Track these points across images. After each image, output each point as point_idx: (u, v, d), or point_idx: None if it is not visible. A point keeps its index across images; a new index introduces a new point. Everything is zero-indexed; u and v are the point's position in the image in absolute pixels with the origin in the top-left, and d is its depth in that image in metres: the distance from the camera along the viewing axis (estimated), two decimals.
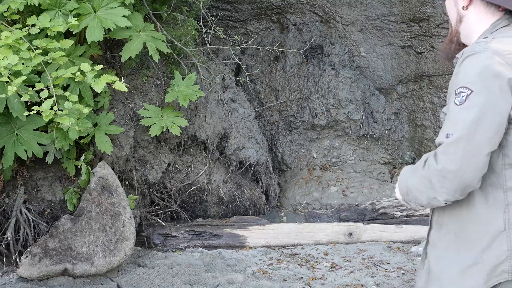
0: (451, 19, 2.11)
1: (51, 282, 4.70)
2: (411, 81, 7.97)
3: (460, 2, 2.04)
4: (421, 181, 1.86)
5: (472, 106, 1.78)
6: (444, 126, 1.86)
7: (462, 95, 1.80)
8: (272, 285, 4.77)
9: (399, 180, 2.03)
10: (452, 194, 1.81)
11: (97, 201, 4.96)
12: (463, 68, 1.85)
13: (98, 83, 4.25)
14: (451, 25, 2.12)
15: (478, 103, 1.77)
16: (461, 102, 1.79)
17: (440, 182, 1.80)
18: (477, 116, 1.77)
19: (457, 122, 1.79)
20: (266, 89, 8.04)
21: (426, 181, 1.84)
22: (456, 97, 1.81)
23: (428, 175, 1.82)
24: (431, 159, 1.83)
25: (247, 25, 8.15)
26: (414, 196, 1.92)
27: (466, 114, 1.78)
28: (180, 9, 6.33)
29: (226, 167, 6.67)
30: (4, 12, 4.56)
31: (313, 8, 7.96)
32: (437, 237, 2.02)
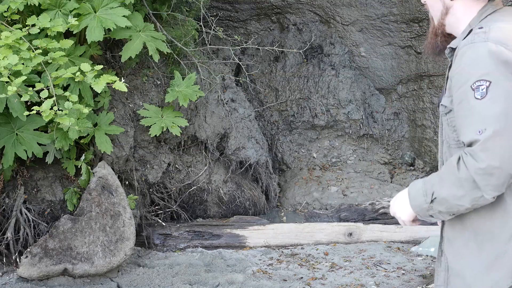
0: (434, 11, 2.06)
1: (51, 282, 4.70)
2: (411, 81, 7.97)
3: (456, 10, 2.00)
4: (460, 185, 1.79)
5: (495, 97, 1.75)
6: (468, 123, 1.80)
7: (481, 88, 1.76)
8: (272, 285, 4.77)
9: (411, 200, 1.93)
10: (499, 189, 1.76)
11: (97, 201, 4.96)
12: (469, 60, 1.82)
13: (98, 83, 4.25)
14: (432, 18, 2.09)
15: (501, 92, 1.75)
16: (482, 95, 1.76)
17: (486, 180, 1.75)
18: (505, 106, 1.75)
19: (485, 116, 1.74)
20: (266, 89, 8.04)
21: (467, 183, 1.77)
22: (475, 92, 1.77)
23: (470, 176, 1.76)
24: (469, 159, 1.76)
25: (247, 25, 8.15)
26: (450, 205, 1.83)
27: (492, 106, 1.75)
28: (180, 9, 6.33)
29: (226, 167, 6.67)
30: (4, 12, 4.56)
31: (313, 8, 7.96)
32: (452, 234, 1.98)
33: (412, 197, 1.92)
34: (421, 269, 5.18)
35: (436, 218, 1.93)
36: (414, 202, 1.92)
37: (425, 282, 4.89)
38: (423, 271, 5.12)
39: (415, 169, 7.84)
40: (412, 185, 1.94)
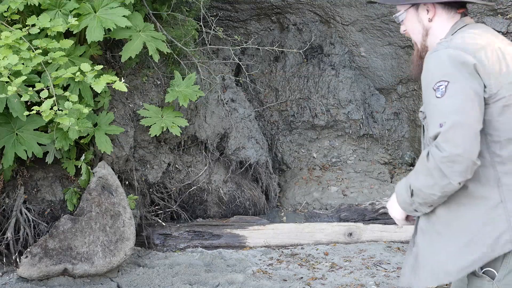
0: (415, 35, 2.22)
1: (51, 282, 4.70)
2: (411, 81, 7.97)
3: (425, 17, 2.17)
4: (429, 175, 1.92)
5: (453, 94, 1.92)
6: (432, 119, 1.96)
7: (441, 88, 1.93)
8: (272, 285, 4.77)
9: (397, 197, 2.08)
10: (464, 175, 1.90)
11: (97, 201, 4.96)
12: (432, 66, 2.01)
13: (98, 83, 4.25)
14: (415, 43, 2.25)
15: (458, 89, 1.92)
16: (442, 94, 1.93)
17: (450, 167, 1.89)
18: (461, 100, 1.91)
19: (445, 111, 1.91)
20: (266, 89, 8.04)
21: (435, 172, 1.91)
22: (436, 92, 1.94)
23: (436, 165, 1.90)
24: (434, 150, 1.91)
25: (247, 25, 8.15)
26: (424, 195, 1.96)
27: (451, 101, 1.92)
28: (180, 9, 6.32)
29: (226, 167, 6.67)
30: (4, 12, 4.56)
31: (313, 8, 7.96)
32: (425, 226, 2.10)
33: (398, 194, 2.08)
34: None
35: (419, 212, 2.06)
36: (400, 198, 2.07)
37: None
38: None
39: None
40: (398, 183, 2.11)
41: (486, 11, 7.59)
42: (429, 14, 2.16)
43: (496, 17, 7.53)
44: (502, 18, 7.55)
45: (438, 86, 1.94)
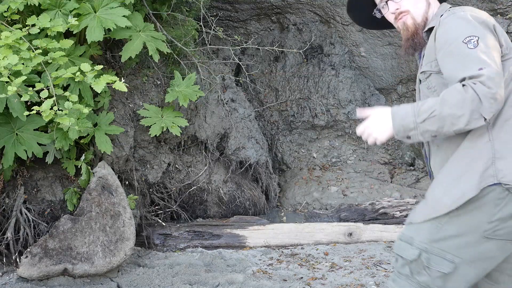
0: (419, 7, 2.41)
1: (51, 282, 4.70)
2: (411, 81, 7.97)
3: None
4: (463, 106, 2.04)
5: (486, 46, 2.11)
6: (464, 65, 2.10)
7: (473, 41, 2.12)
8: (272, 285, 4.77)
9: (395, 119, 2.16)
10: (495, 113, 2.07)
11: (97, 201, 4.96)
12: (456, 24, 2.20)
13: (98, 83, 4.25)
14: (414, 16, 2.40)
15: (489, 43, 2.13)
16: (475, 45, 2.11)
17: (491, 103, 2.03)
18: (494, 52, 2.12)
19: (483, 59, 2.07)
20: (266, 89, 8.04)
21: (473, 104, 2.02)
22: (468, 44, 2.11)
23: (477, 98, 2.02)
24: (479, 85, 2.03)
25: (247, 25, 8.15)
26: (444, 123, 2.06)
27: (486, 52, 2.10)
28: (180, 9, 6.33)
29: (226, 167, 6.67)
30: (4, 12, 4.56)
31: (313, 8, 7.96)
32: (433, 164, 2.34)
33: (400, 118, 2.14)
34: None
35: (412, 139, 2.17)
36: (401, 122, 2.14)
37: None
38: None
39: (415, 169, 7.84)
40: (397, 109, 2.17)
41: (486, 11, 7.59)
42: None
43: (496, 17, 7.53)
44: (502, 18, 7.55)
45: (470, 39, 2.11)
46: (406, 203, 6.54)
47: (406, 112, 2.14)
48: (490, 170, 2.10)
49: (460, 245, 2.12)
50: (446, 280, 2.14)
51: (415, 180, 7.68)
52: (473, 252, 2.11)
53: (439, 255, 2.13)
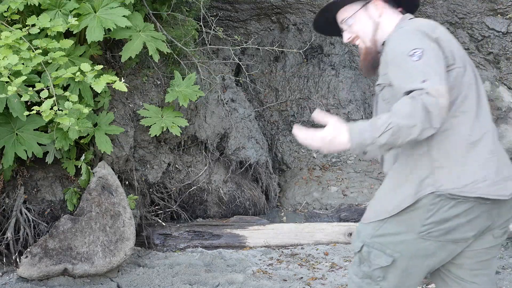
0: (366, 34, 2.49)
1: (51, 282, 4.70)
2: None
3: (374, 12, 2.48)
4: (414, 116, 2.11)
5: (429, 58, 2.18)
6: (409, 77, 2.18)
7: (417, 53, 2.20)
8: (272, 285, 4.77)
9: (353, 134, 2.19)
10: (442, 121, 2.15)
11: (97, 201, 4.96)
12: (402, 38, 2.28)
13: (98, 83, 4.25)
14: (364, 41, 2.50)
15: (432, 55, 2.20)
16: (419, 58, 2.18)
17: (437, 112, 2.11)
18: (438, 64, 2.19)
19: (426, 71, 2.15)
20: (266, 89, 8.04)
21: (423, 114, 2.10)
22: (413, 57, 2.19)
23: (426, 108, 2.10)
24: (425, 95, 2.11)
25: (247, 25, 8.15)
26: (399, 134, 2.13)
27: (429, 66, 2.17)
28: (180, 9, 6.33)
29: (226, 167, 6.67)
30: (4, 12, 4.56)
31: (313, 8, 7.96)
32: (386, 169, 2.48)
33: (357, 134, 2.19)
34: None
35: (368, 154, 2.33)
36: (359, 138, 2.18)
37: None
38: None
39: None
40: (354, 125, 2.22)
41: (486, 11, 7.60)
42: (378, 10, 2.47)
43: (496, 17, 7.53)
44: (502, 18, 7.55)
45: (414, 52, 2.20)
46: None
47: (363, 128, 2.20)
48: (428, 179, 2.24)
49: (397, 241, 2.29)
50: (386, 272, 2.34)
51: None
52: (411, 249, 2.29)
53: (379, 249, 2.34)
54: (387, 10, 2.49)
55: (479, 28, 7.63)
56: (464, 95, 2.28)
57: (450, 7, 7.70)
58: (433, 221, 2.23)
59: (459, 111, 2.27)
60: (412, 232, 2.27)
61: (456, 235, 2.25)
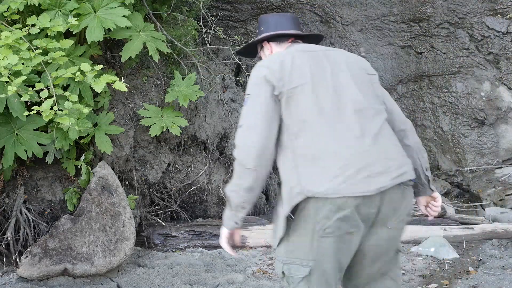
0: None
1: (51, 282, 4.70)
2: (411, 81, 7.97)
3: (267, 52, 2.82)
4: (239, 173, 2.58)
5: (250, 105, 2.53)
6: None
7: (246, 99, 2.53)
8: (272, 285, 4.77)
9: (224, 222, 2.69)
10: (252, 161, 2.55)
11: (97, 201, 4.96)
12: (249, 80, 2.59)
13: (98, 83, 4.25)
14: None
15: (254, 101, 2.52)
16: (245, 104, 2.53)
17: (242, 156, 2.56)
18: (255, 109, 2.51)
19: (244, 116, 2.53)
20: None
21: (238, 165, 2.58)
22: (244, 102, 2.54)
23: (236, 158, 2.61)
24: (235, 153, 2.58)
25: (247, 25, 8.15)
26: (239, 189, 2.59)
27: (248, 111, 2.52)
28: (180, 9, 6.32)
29: (226, 167, 6.67)
30: (4, 12, 4.56)
31: (313, 8, 7.96)
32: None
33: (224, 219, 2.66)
34: (421, 269, 5.18)
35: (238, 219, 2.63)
36: (226, 221, 2.66)
37: (425, 282, 4.89)
38: (423, 271, 5.12)
39: None
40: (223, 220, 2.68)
41: (486, 11, 7.60)
42: (268, 50, 2.81)
43: (496, 17, 7.53)
44: (502, 18, 7.55)
45: (246, 98, 2.53)
46: None
47: (224, 214, 2.64)
48: (296, 188, 2.45)
49: (307, 249, 2.44)
50: (308, 281, 2.46)
51: None
52: (319, 251, 2.42)
53: (296, 263, 2.47)
54: (275, 48, 2.78)
55: (479, 28, 7.63)
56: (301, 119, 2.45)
57: (450, 7, 7.70)
58: (322, 218, 2.39)
59: (299, 133, 2.46)
60: (313, 235, 2.41)
61: (345, 227, 2.39)
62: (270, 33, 2.80)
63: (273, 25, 2.81)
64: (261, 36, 2.82)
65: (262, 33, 2.82)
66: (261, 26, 2.85)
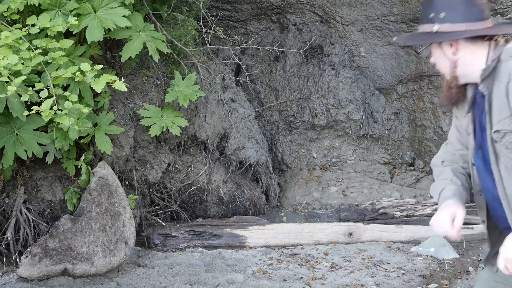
0: (443, 68, 2.26)
1: (51, 282, 4.70)
2: (411, 81, 7.97)
3: (448, 51, 2.20)
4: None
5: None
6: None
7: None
8: (272, 285, 4.77)
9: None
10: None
11: (97, 201, 4.96)
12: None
13: (98, 83, 4.25)
14: (444, 75, 2.28)
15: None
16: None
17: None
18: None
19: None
20: (266, 89, 8.04)
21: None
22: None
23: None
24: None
25: (247, 25, 8.15)
26: None
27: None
28: (180, 9, 6.32)
29: (226, 167, 6.67)
30: (4, 12, 4.56)
31: (313, 8, 7.96)
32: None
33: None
34: (421, 269, 5.18)
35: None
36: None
37: (425, 282, 4.89)
38: (423, 271, 5.12)
39: (415, 169, 7.84)
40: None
41: None
42: (452, 48, 2.19)
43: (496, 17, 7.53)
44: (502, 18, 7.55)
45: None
46: (406, 203, 6.54)
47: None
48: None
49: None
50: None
51: (415, 180, 7.67)
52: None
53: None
54: (465, 46, 2.20)
55: None
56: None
57: None
58: None
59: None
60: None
61: None
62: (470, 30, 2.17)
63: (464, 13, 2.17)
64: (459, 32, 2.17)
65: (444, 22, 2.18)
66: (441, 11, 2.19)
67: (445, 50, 2.21)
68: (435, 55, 2.26)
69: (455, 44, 2.18)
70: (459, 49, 2.19)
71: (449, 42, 2.18)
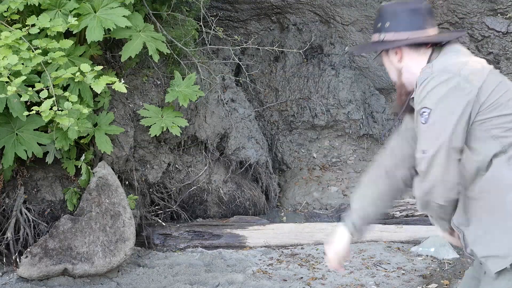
0: (392, 76, 2.35)
1: (51, 282, 4.70)
2: None
3: (394, 59, 2.29)
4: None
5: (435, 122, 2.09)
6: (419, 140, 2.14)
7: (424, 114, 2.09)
8: (272, 285, 4.77)
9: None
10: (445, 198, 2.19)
11: (97, 201, 4.96)
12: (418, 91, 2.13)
13: (98, 84, 4.25)
14: (395, 82, 2.35)
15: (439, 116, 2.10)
16: (426, 120, 2.09)
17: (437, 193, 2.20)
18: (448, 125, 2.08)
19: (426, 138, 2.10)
20: (266, 89, 8.04)
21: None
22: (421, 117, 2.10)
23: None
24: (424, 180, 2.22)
25: (247, 25, 8.15)
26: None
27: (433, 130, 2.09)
28: (180, 9, 6.32)
29: (226, 167, 6.67)
30: (4, 12, 4.56)
31: (313, 8, 7.96)
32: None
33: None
34: (421, 269, 5.18)
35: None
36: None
37: (425, 282, 4.89)
38: (423, 271, 5.12)
39: None
40: None
41: (486, 11, 7.60)
42: (397, 56, 2.28)
43: (496, 17, 7.53)
44: (502, 18, 7.55)
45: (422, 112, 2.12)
46: (406, 203, 6.53)
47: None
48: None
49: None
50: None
51: None
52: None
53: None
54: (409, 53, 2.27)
55: (479, 28, 7.63)
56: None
57: (450, 7, 7.70)
58: None
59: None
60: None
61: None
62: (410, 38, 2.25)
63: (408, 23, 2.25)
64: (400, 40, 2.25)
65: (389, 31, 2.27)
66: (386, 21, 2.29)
67: (391, 58, 2.30)
68: (385, 63, 2.36)
69: (399, 52, 2.27)
70: (403, 57, 2.27)
71: (394, 50, 2.27)
